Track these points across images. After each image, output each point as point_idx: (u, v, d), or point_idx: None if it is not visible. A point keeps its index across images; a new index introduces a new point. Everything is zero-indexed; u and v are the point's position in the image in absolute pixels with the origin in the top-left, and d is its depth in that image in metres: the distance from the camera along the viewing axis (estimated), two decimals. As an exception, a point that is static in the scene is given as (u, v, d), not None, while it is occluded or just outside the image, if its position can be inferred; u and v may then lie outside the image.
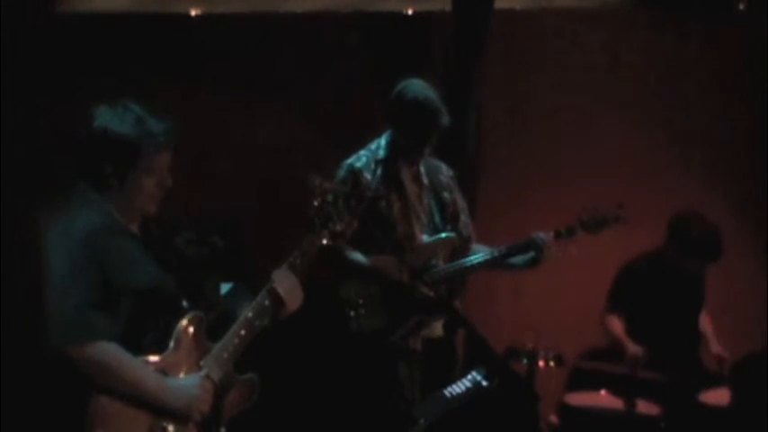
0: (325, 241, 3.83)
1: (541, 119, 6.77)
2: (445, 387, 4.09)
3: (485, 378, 4.12)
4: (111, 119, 3.51)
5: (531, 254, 5.06)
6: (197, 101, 6.17)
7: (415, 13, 6.65)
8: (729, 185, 6.78)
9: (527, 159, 6.73)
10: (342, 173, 5.04)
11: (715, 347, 5.96)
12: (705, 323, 6.09)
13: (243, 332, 3.60)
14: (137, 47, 6.27)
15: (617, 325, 5.88)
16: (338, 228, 3.86)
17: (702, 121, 6.86)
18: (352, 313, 4.97)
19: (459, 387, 4.12)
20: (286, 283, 3.69)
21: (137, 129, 3.49)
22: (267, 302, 3.66)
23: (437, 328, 5.04)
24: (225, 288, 4.85)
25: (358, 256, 4.96)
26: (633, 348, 5.66)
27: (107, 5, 6.49)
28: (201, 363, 3.52)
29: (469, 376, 4.16)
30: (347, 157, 5.13)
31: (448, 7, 6.36)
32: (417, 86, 5.00)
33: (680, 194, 6.24)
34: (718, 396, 5.53)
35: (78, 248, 3.39)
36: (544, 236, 5.03)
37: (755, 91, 6.75)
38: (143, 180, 3.51)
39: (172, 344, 3.48)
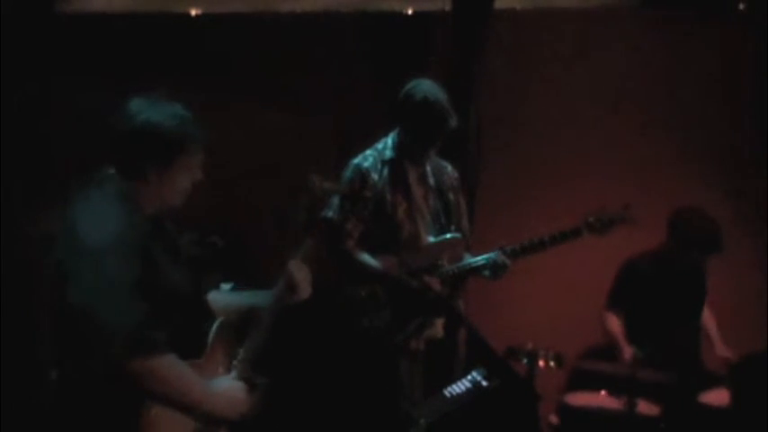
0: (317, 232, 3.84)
1: (541, 119, 6.76)
2: (446, 387, 4.10)
3: (485, 378, 4.13)
4: (154, 114, 3.43)
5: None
6: (197, 101, 6.15)
7: (415, 13, 6.65)
8: (730, 185, 6.78)
9: (526, 159, 6.73)
10: (349, 173, 5.04)
11: (720, 350, 5.96)
12: (710, 323, 6.09)
13: (266, 332, 3.58)
14: (137, 47, 6.26)
15: (615, 323, 5.89)
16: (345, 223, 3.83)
17: (702, 121, 6.85)
18: (354, 313, 4.97)
19: (459, 387, 4.13)
20: (302, 273, 3.69)
21: (180, 126, 3.44)
22: (281, 291, 3.65)
23: (439, 329, 5.05)
24: (225, 288, 4.86)
25: (365, 257, 4.97)
26: (628, 351, 5.67)
27: (107, 5, 6.48)
28: (234, 363, 3.50)
29: (469, 376, 4.16)
30: (348, 156, 5.13)
31: (448, 7, 6.35)
32: (426, 87, 4.99)
33: (680, 194, 6.24)
34: (718, 396, 5.53)
35: (128, 248, 3.24)
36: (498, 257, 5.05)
37: (756, 91, 6.75)
38: (180, 176, 3.46)
39: (207, 350, 3.43)
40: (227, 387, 3.42)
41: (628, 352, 5.69)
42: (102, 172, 3.44)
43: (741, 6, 6.81)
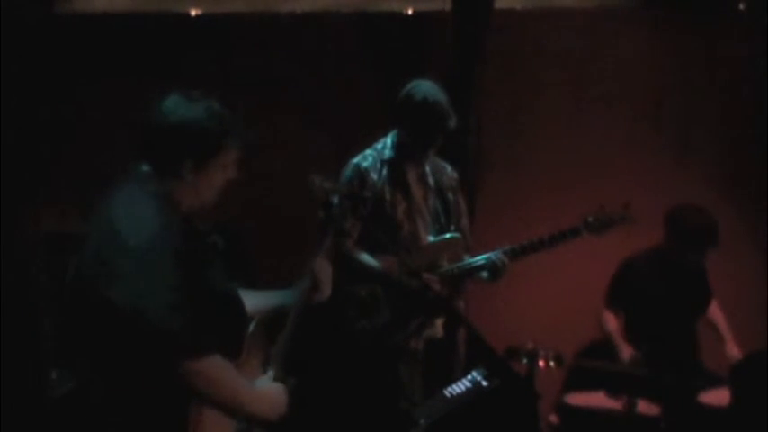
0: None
1: (541, 119, 6.77)
2: (446, 387, 4.10)
3: (485, 378, 4.13)
4: (192, 111, 3.31)
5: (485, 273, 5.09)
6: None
7: (415, 13, 6.65)
8: (729, 185, 6.78)
9: (526, 159, 6.74)
10: (348, 172, 5.04)
11: (730, 348, 5.95)
12: (718, 318, 6.08)
13: (293, 331, 3.56)
14: (137, 47, 6.27)
15: (613, 323, 5.90)
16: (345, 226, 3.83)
17: (702, 121, 6.86)
18: (354, 313, 4.97)
19: (459, 387, 4.13)
20: (326, 272, 3.68)
21: (219, 123, 3.33)
22: (308, 289, 3.63)
23: (439, 329, 5.05)
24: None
25: (365, 257, 4.97)
26: (627, 350, 5.67)
27: (107, 5, 6.49)
28: (266, 367, 3.47)
29: (469, 376, 4.16)
30: (348, 156, 5.14)
31: (448, 7, 6.36)
32: (426, 87, 4.99)
33: (679, 195, 6.24)
34: (718, 396, 5.53)
35: (171, 252, 3.13)
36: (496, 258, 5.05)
37: (755, 91, 6.75)
38: (216, 175, 3.36)
39: (244, 352, 3.38)
40: (268, 388, 3.39)
41: (626, 351, 5.69)
42: (137, 169, 3.34)
43: (741, 6, 6.81)
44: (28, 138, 5.99)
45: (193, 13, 6.56)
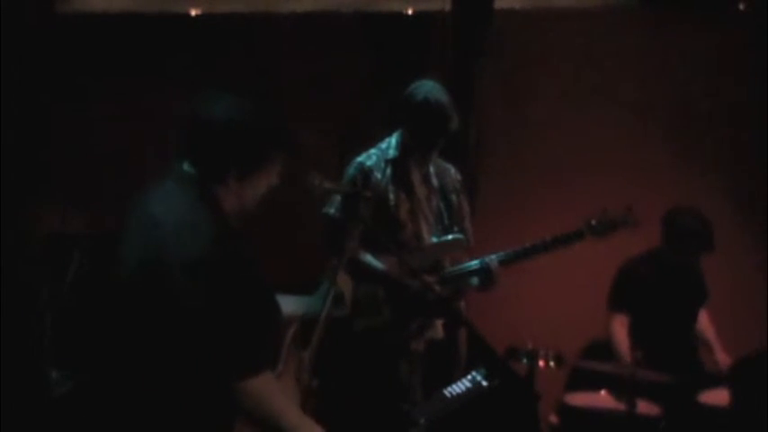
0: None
1: (541, 119, 6.76)
2: (446, 387, 4.10)
3: (485, 378, 4.12)
4: (239, 112, 3.14)
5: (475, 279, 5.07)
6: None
7: (415, 13, 6.65)
8: (730, 185, 6.78)
9: (527, 160, 6.73)
10: (351, 170, 5.03)
11: (722, 358, 5.95)
12: (708, 330, 6.07)
13: (318, 343, 3.57)
14: (137, 47, 6.27)
15: (619, 326, 5.86)
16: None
17: (703, 121, 6.85)
18: (355, 313, 4.97)
19: (459, 387, 4.12)
20: (348, 288, 3.66)
21: (268, 127, 3.16)
22: (331, 304, 3.62)
23: (439, 330, 5.04)
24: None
25: (367, 257, 4.97)
26: (626, 359, 5.68)
27: (107, 5, 6.49)
28: (297, 375, 3.44)
29: (469, 376, 4.16)
30: (348, 156, 5.13)
31: (448, 7, 6.36)
32: (428, 88, 4.98)
33: (680, 195, 6.24)
34: (718, 396, 5.53)
35: (225, 263, 3.00)
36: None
37: (756, 91, 6.75)
38: (261, 182, 3.19)
39: (281, 363, 3.35)
40: (311, 423, 3.24)
41: (625, 359, 5.68)
42: (178, 170, 3.14)
43: (741, 6, 6.81)
44: (28, 138, 6.00)
45: (193, 13, 6.56)
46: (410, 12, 6.65)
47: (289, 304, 3.58)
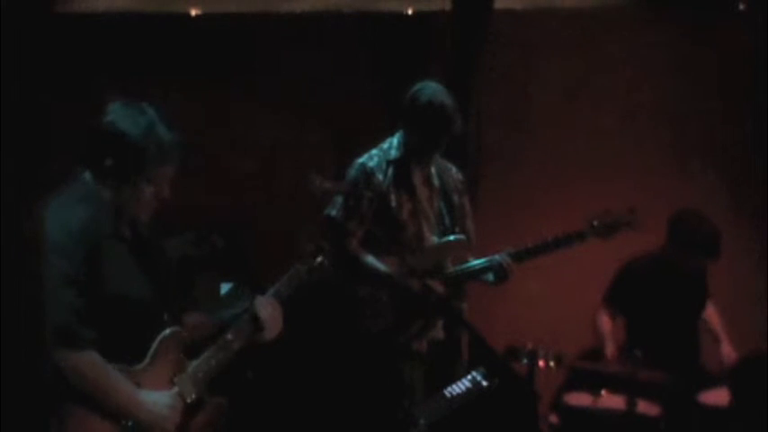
0: (310, 271, 3.82)
1: (541, 120, 6.76)
2: (446, 387, 4.10)
3: (485, 378, 4.13)
4: (124, 117, 3.45)
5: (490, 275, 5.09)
6: (197, 101, 6.17)
7: (415, 13, 6.65)
8: (729, 187, 6.78)
9: (527, 160, 6.73)
10: (353, 171, 5.03)
11: (727, 350, 5.95)
12: (714, 319, 6.08)
13: (221, 354, 3.60)
14: (137, 47, 6.26)
15: (606, 322, 5.90)
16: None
17: (702, 121, 6.85)
18: (357, 314, 4.97)
19: (459, 387, 4.13)
20: (268, 310, 3.68)
21: (146, 134, 3.42)
22: (247, 326, 3.65)
23: (440, 330, 5.04)
24: (225, 288, 4.85)
25: (368, 258, 4.96)
26: (611, 349, 5.69)
27: (107, 5, 6.48)
28: (175, 380, 3.50)
29: (469, 376, 4.16)
30: (348, 157, 5.13)
31: (448, 7, 6.35)
32: (432, 90, 4.98)
33: (680, 196, 6.24)
34: (718, 396, 5.53)
35: (77, 247, 3.33)
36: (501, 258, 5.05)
37: (755, 91, 6.75)
38: (142, 187, 3.45)
39: (148, 357, 3.44)
40: (156, 399, 3.42)
41: (610, 350, 5.71)
42: (78, 174, 3.50)
43: (741, 6, 6.81)
44: (28, 137, 5.99)
45: (193, 13, 6.55)
46: (410, 12, 6.65)
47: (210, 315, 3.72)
